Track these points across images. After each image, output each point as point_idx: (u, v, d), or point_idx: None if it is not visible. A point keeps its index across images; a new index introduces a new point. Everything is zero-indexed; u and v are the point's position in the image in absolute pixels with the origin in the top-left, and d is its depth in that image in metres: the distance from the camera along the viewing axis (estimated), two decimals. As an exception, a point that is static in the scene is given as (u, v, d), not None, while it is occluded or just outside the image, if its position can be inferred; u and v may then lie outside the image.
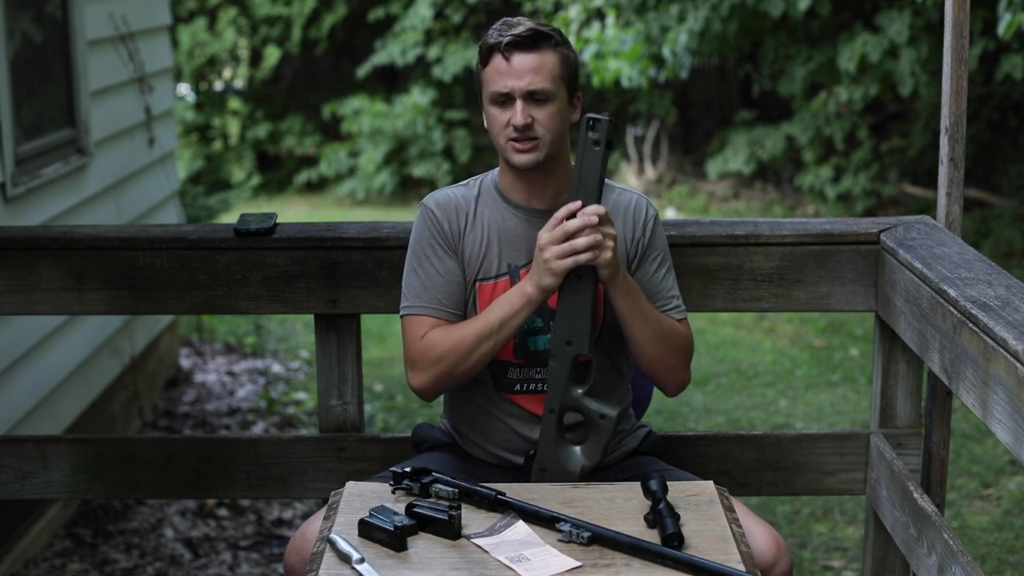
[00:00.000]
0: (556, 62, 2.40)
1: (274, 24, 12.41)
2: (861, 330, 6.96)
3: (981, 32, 7.88)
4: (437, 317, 2.48)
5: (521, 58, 2.38)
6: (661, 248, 2.57)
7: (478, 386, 2.55)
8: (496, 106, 2.42)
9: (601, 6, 10.04)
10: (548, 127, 2.41)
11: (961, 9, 2.72)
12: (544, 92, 2.39)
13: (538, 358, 2.50)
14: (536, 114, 2.39)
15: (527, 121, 2.38)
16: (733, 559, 2.02)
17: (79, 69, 4.91)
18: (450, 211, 2.51)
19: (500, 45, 2.38)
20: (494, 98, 2.41)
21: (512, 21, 2.43)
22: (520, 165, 2.43)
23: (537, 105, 2.39)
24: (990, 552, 4.16)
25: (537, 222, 2.48)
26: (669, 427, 5.40)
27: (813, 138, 9.85)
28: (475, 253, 2.51)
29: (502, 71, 2.39)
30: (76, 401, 4.68)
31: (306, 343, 6.92)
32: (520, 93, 2.38)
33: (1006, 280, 2.43)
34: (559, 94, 2.41)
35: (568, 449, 2.42)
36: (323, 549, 2.07)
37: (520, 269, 2.49)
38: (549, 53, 2.40)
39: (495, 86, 2.40)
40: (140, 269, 2.90)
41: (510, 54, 2.38)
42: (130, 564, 4.14)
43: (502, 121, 2.41)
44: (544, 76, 2.39)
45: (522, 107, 2.38)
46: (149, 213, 5.76)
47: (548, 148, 2.42)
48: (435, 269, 2.49)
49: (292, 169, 12.48)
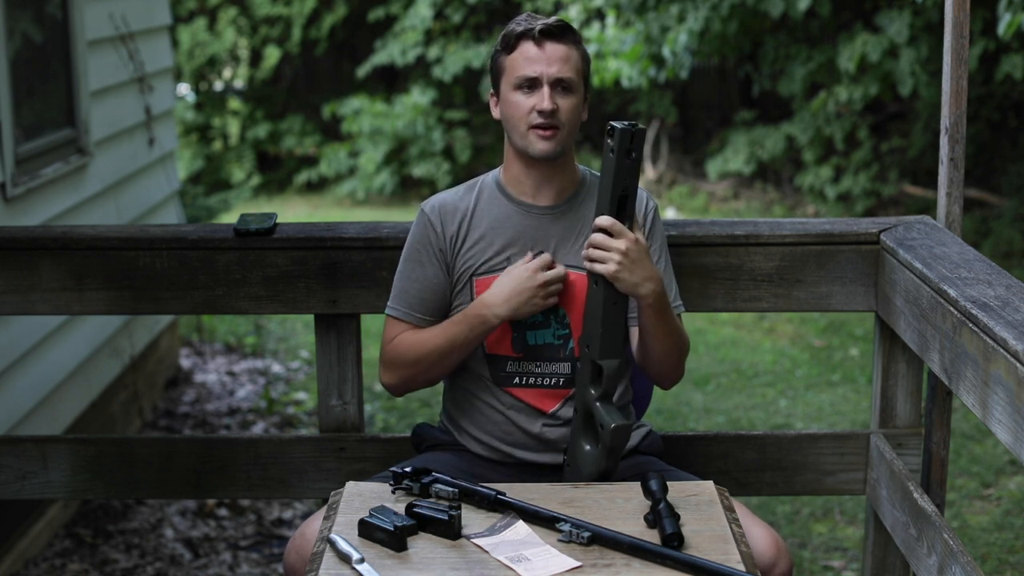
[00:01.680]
0: (580, 56, 2.48)
1: (274, 24, 12.41)
2: (861, 330, 6.96)
3: (981, 32, 7.88)
4: (409, 323, 2.56)
5: (552, 46, 2.44)
6: (660, 241, 2.58)
7: (476, 380, 2.56)
8: (520, 92, 2.45)
9: (601, 6, 10.04)
10: (568, 118, 2.45)
11: (961, 9, 2.72)
12: (570, 82, 2.45)
13: (538, 352, 2.51)
14: (560, 102, 2.44)
15: (554, 106, 2.42)
16: (733, 559, 2.02)
17: (79, 69, 4.91)
18: (447, 216, 2.55)
19: (532, 31, 2.44)
20: (520, 83, 2.45)
21: (536, 14, 2.50)
22: (540, 153, 2.45)
23: (562, 94, 2.45)
24: (990, 552, 4.16)
25: (540, 218, 2.50)
26: (669, 427, 5.40)
27: (813, 138, 9.85)
28: (475, 250, 2.52)
29: (532, 57, 2.44)
30: (76, 401, 4.68)
31: (306, 343, 6.92)
32: (549, 79, 2.43)
33: (1006, 280, 2.43)
34: (579, 88, 2.48)
35: (584, 450, 2.43)
36: (323, 549, 2.07)
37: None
38: (574, 47, 2.47)
39: (524, 71, 2.44)
40: (140, 269, 2.90)
41: (542, 41, 2.44)
42: (130, 564, 4.14)
43: (526, 107, 2.44)
44: (571, 66, 2.45)
45: (549, 92, 2.43)
46: (149, 213, 5.76)
47: (565, 140, 2.47)
48: (418, 275, 2.55)
49: (292, 169, 12.48)
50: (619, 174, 2.32)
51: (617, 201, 2.34)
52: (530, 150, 2.46)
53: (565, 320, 2.51)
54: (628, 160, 2.31)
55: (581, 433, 2.44)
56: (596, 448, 2.40)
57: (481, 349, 2.54)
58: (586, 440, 2.43)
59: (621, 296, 2.38)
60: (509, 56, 2.47)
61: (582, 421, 2.44)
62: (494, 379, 2.54)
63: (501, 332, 2.51)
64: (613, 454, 2.38)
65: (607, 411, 2.38)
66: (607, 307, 2.38)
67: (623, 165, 2.32)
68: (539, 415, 2.53)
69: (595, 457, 2.40)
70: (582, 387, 2.43)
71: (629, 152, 2.31)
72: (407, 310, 2.56)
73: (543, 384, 2.52)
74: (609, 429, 2.35)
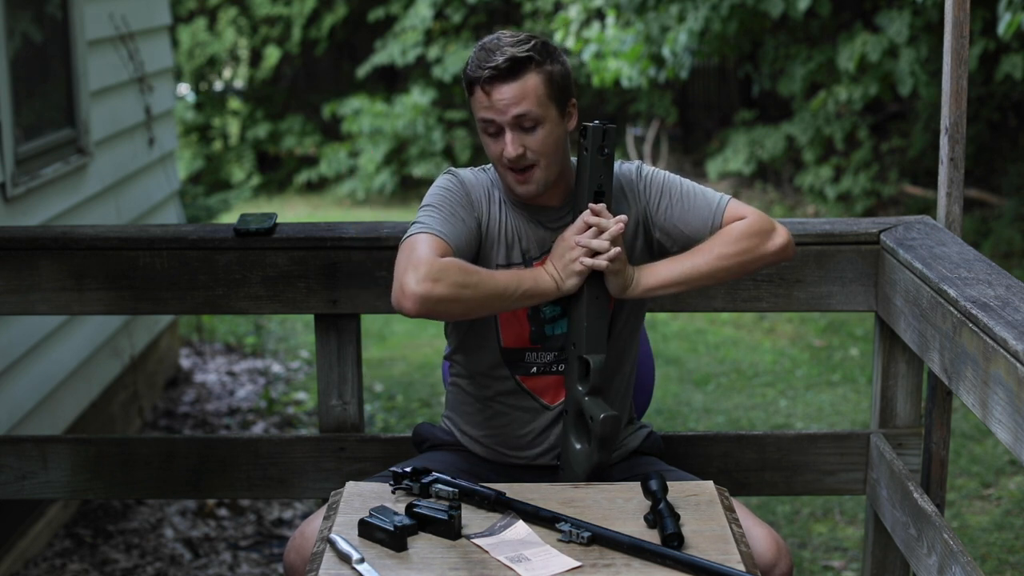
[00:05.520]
0: (539, 83, 2.34)
1: (274, 24, 12.41)
2: (861, 330, 6.96)
3: (981, 32, 7.88)
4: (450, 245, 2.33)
5: (504, 88, 2.33)
6: (669, 187, 2.51)
7: (482, 380, 2.55)
8: (487, 136, 2.40)
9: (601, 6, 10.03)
10: (541, 152, 2.37)
11: (961, 9, 2.72)
12: (531, 118, 2.35)
13: (555, 342, 2.50)
14: (527, 141, 2.36)
15: (519, 152, 2.35)
16: (733, 559, 2.02)
17: (79, 69, 4.91)
18: (475, 189, 2.47)
19: (480, 79, 2.34)
20: (483, 128, 2.40)
21: (490, 46, 2.36)
22: (522, 196, 2.42)
23: (526, 132, 2.36)
24: (990, 552, 4.16)
25: (548, 216, 2.48)
26: (669, 427, 5.40)
27: (813, 138, 9.85)
28: (491, 237, 2.47)
29: (485, 105, 2.36)
30: (76, 401, 4.68)
31: (306, 343, 6.92)
32: (507, 123, 2.35)
33: (1006, 280, 2.43)
34: (548, 115, 2.37)
35: (575, 449, 2.43)
36: (323, 549, 2.07)
37: (535, 261, 2.47)
38: (531, 76, 2.34)
39: (482, 115, 2.38)
40: (140, 269, 2.90)
41: (491, 87, 2.34)
42: (130, 564, 4.14)
43: (496, 152, 2.39)
44: (529, 102, 2.34)
45: (512, 138, 2.35)
46: (149, 213, 5.76)
47: (546, 172, 2.40)
48: (459, 217, 2.40)
49: (292, 169, 12.48)
50: (594, 171, 2.39)
51: (593, 196, 2.40)
52: (513, 191, 2.43)
53: None
54: (601, 156, 2.38)
55: (572, 432, 2.45)
56: (587, 446, 2.41)
57: (497, 344, 2.50)
58: (577, 439, 2.44)
59: (603, 290, 2.40)
60: (471, 98, 2.40)
61: (573, 420, 2.45)
62: (511, 369, 2.51)
63: (519, 326, 2.48)
64: (605, 445, 2.38)
65: (595, 404, 2.39)
66: (590, 302, 2.40)
67: (596, 162, 2.39)
68: (544, 411, 2.52)
69: (587, 452, 2.41)
70: (571, 385, 2.44)
71: (602, 149, 2.38)
72: (452, 239, 2.34)
73: (558, 371, 2.51)
74: (599, 420, 2.36)
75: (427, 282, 2.23)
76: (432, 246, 2.29)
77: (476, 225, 2.42)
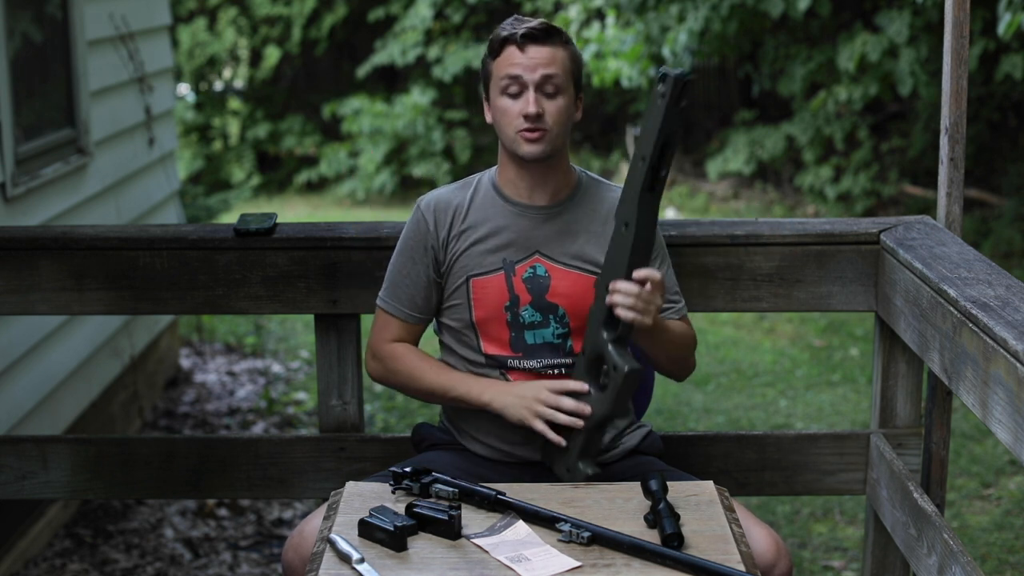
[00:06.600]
0: (567, 57, 2.48)
1: (274, 24, 12.41)
2: (861, 330, 6.96)
3: (981, 32, 7.88)
4: (403, 320, 2.59)
5: (535, 49, 2.45)
6: (659, 246, 2.59)
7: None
8: (507, 96, 2.46)
9: (601, 6, 10.04)
10: (556, 119, 2.46)
11: (961, 9, 2.72)
12: (556, 82, 2.45)
13: (537, 351, 2.51)
14: (546, 106, 2.45)
15: (539, 110, 2.44)
16: (733, 559, 2.02)
17: (79, 69, 4.91)
18: (441, 213, 2.56)
19: (515, 36, 2.45)
20: (506, 86, 2.46)
21: (523, 17, 2.51)
22: (528, 155, 2.46)
23: (547, 97, 2.45)
24: (990, 552, 4.16)
25: (535, 217, 2.52)
26: (669, 427, 5.40)
27: (813, 138, 9.85)
28: (469, 249, 2.53)
29: (516, 61, 2.45)
30: (76, 401, 4.68)
31: (306, 343, 6.92)
32: (533, 82, 2.44)
33: (1006, 280, 2.43)
34: (568, 89, 2.47)
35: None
36: (323, 549, 2.07)
37: (516, 264, 2.51)
38: (560, 48, 2.47)
39: (508, 71, 2.45)
40: (140, 269, 2.90)
41: (525, 45, 2.45)
42: (130, 564, 4.14)
43: (513, 111, 2.46)
44: (557, 67, 2.45)
45: (534, 97, 2.44)
46: (149, 213, 5.76)
47: (554, 142, 2.47)
48: (409, 272, 2.58)
49: (292, 169, 12.48)
50: (667, 120, 2.29)
51: (660, 147, 2.31)
52: (519, 152, 2.47)
53: (565, 319, 2.51)
54: (677, 108, 2.29)
55: (583, 376, 2.42)
56: (601, 392, 2.36)
57: (479, 351, 2.54)
58: (590, 382, 2.40)
59: None
60: (495, 61, 2.49)
61: (587, 364, 2.40)
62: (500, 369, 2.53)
63: (497, 333, 2.52)
64: (621, 400, 2.34)
65: (620, 354, 2.34)
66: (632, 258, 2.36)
67: (672, 112, 2.29)
68: None
69: (601, 399, 2.36)
70: (594, 330, 2.39)
71: (679, 100, 2.29)
72: (398, 305, 2.59)
73: (544, 371, 2.51)
74: (623, 372, 2.31)
75: (373, 366, 2.63)
76: (382, 327, 2.61)
77: (432, 261, 2.56)
